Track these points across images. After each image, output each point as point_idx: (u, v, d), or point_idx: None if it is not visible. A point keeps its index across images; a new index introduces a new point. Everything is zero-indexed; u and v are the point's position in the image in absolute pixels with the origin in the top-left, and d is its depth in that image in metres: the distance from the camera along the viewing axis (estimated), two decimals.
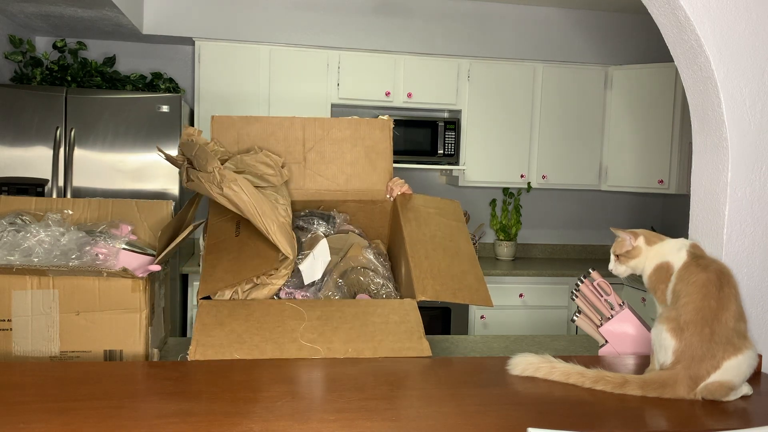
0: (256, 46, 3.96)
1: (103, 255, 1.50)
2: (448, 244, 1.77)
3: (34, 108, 3.35)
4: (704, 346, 1.31)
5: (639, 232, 1.54)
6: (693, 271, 1.40)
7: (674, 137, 4.09)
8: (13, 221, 1.58)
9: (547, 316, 4.03)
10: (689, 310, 1.34)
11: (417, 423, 1.16)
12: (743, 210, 1.60)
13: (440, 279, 1.62)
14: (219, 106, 3.93)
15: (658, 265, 1.48)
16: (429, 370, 1.46)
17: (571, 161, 4.32)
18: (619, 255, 1.54)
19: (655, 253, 1.51)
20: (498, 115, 4.22)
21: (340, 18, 4.09)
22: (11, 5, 3.39)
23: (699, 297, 1.35)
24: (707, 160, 1.67)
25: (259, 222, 1.55)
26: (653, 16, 1.67)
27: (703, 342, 1.31)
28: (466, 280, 1.66)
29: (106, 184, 3.43)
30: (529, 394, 1.32)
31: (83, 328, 1.48)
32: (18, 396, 1.20)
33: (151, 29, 3.90)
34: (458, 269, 1.69)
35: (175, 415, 1.14)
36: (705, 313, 1.33)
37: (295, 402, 1.21)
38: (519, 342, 2.00)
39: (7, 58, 3.66)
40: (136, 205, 1.73)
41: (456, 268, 1.69)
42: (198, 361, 1.44)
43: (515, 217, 4.45)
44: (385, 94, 4.09)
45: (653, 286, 1.49)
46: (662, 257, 1.48)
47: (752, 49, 1.58)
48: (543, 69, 4.25)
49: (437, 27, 4.18)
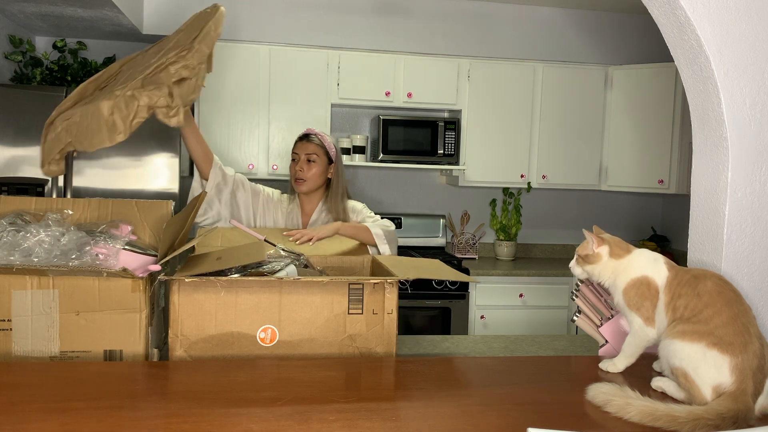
0: (256, 46, 3.96)
1: (103, 255, 1.50)
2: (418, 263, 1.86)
3: (34, 108, 3.35)
4: (758, 354, 1.24)
5: (607, 239, 1.50)
6: (692, 282, 1.35)
7: (674, 137, 4.09)
8: (13, 221, 1.57)
9: (547, 316, 4.02)
10: (724, 321, 1.26)
11: (417, 423, 1.16)
12: (743, 210, 1.60)
13: (418, 271, 1.69)
14: (219, 106, 3.94)
15: (635, 280, 1.43)
16: (429, 370, 1.46)
17: (571, 161, 4.32)
18: (580, 255, 1.52)
19: (627, 266, 1.45)
20: (498, 115, 4.22)
21: (340, 18, 4.09)
22: (11, 5, 3.39)
23: (724, 305, 1.29)
24: (707, 160, 1.67)
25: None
26: (653, 16, 1.67)
27: (756, 352, 1.24)
28: (442, 271, 1.76)
29: (106, 184, 3.43)
30: (529, 394, 1.32)
31: (83, 328, 1.48)
32: (18, 396, 1.20)
33: (151, 29, 3.90)
34: (433, 266, 1.80)
35: (175, 414, 1.14)
36: (742, 320, 1.26)
37: (295, 402, 1.21)
38: (519, 342, 2.00)
39: (7, 58, 3.66)
40: (136, 205, 1.73)
41: (431, 266, 1.80)
42: (198, 361, 1.45)
43: (515, 217, 4.45)
44: (385, 93, 4.09)
45: (635, 302, 1.43)
46: (638, 271, 1.43)
47: (752, 49, 1.58)
48: (543, 69, 4.25)
49: (437, 27, 4.18)
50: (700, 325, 1.28)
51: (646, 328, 1.42)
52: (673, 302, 1.37)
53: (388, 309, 1.55)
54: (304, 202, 2.48)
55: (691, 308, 1.32)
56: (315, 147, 2.41)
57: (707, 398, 1.24)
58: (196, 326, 1.48)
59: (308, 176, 2.39)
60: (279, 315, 1.51)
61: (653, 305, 1.41)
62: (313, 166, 2.40)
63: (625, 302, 1.45)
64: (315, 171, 2.40)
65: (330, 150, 2.45)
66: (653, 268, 1.43)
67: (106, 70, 1.94)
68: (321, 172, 2.42)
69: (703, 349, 1.26)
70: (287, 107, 4.01)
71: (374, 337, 1.55)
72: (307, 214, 2.46)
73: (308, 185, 2.41)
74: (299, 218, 2.45)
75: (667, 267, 1.42)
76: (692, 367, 1.26)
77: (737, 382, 1.22)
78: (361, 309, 1.54)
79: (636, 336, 1.45)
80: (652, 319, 1.41)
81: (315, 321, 1.52)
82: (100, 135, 1.64)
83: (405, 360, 1.55)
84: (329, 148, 2.45)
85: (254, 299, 1.50)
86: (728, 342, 1.24)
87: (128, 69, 1.87)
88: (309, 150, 2.41)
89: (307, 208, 2.47)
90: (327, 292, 1.53)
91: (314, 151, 2.41)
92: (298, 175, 2.40)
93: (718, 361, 1.24)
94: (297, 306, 1.52)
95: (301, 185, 2.40)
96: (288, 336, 1.51)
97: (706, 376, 1.25)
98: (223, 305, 1.49)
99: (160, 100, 1.67)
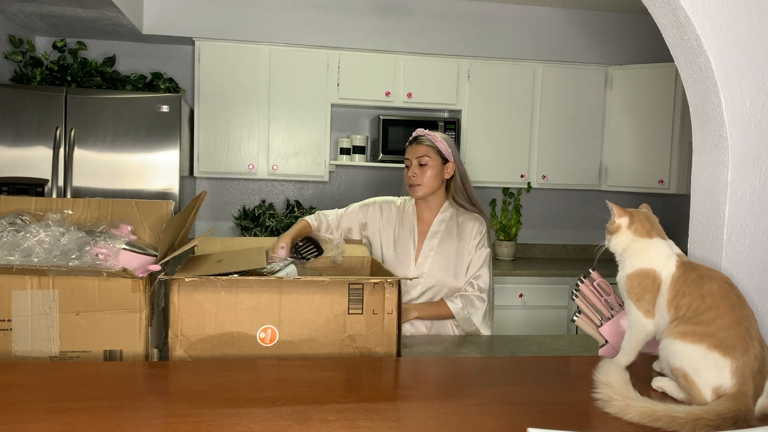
0: (256, 46, 3.96)
1: (103, 255, 1.50)
2: None
3: (34, 108, 3.35)
4: (759, 357, 1.24)
5: (633, 213, 1.49)
6: (697, 282, 1.34)
7: (674, 137, 4.09)
8: (13, 221, 1.57)
9: (547, 316, 4.02)
10: (726, 324, 1.26)
11: (417, 423, 1.16)
12: (743, 210, 1.60)
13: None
14: (219, 106, 3.94)
15: (642, 270, 1.42)
16: (429, 370, 1.46)
17: (571, 161, 4.32)
18: (608, 229, 1.51)
19: (639, 250, 1.44)
20: (498, 115, 4.22)
21: (340, 18, 4.09)
22: (11, 5, 3.39)
23: (727, 308, 1.28)
24: (707, 160, 1.67)
25: None
26: (653, 16, 1.67)
27: (757, 355, 1.24)
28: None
29: (106, 184, 3.43)
30: (529, 394, 1.32)
31: (83, 328, 1.48)
32: (18, 396, 1.20)
33: (151, 29, 3.90)
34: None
35: (175, 415, 1.14)
36: (744, 324, 1.26)
37: (295, 402, 1.21)
38: (519, 342, 2.00)
39: (7, 58, 3.66)
40: (136, 205, 1.73)
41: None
42: (198, 361, 1.45)
43: (515, 217, 4.45)
44: (385, 94, 4.09)
45: (636, 292, 1.42)
46: (648, 262, 1.42)
47: (752, 49, 1.58)
48: (543, 69, 4.25)
49: (437, 27, 4.18)
50: (701, 327, 1.28)
51: (645, 320, 1.42)
52: (676, 300, 1.36)
53: (388, 309, 1.55)
54: (422, 210, 2.30)
55: (693, 308, 1.32)
56: (426, 148, 2.23)
57: (707, 399, 1.24)
58: (196, 326, 1.48)
59: (423, 181, 2.21)
60: (279, 315, 1.51)
61: (654, 298, 1.41)
62: (426, 169, 2.22)
63: (626, 289, 1.45)
64: (429, 174, 2.22)
65: (443, 149, 2.25)
66: (663, 262, 1.41)
67: None
68: (436, 174, 2.23)
69: (705, 351, 1.25)
70: (287, 107, 4.00)
71: (374, 337, 1.55)
72: (426, 223, 2.28)
73: (424, 190, 2.22)
74: (414, 228, 2.27)
75: (676, 264, 1.41)
76: (693, 368, 1.26)
77: (738, 384, 1.21)
78: (361, 309, 1.54)
79: (633, 329, 1.44)
80: (651, 312, 1.41)
81: (315, 321, 1.52)
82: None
83: (405, 360, 1.55)
84: (442, 146, 2.25)
85: (254, 299, 1.50)
86: (730, 345, 1.24)
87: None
88: (420, 153, 2.23)
89: (425, 217, 2.29)
90: (327, 292, 1.53)
91: (425, 152, 2.23)
92: (412, 181, 2.23)
93: (719, 363, 1.23)
94: (297, 306, 1.52)
95: (416, 191, 2.23)
96: (288, 336, 1.51)
97: (706, 377, 1.24)
98: (223, 305, 1.49)
99: None
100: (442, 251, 2.21)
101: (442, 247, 2.22)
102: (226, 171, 3.98)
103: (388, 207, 2.34)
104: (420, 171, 2.23)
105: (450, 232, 2.24)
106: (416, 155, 2.24)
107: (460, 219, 2.26)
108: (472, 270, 2.21)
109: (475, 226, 2.25)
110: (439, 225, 2.26)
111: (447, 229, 2.25)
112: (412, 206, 2.32)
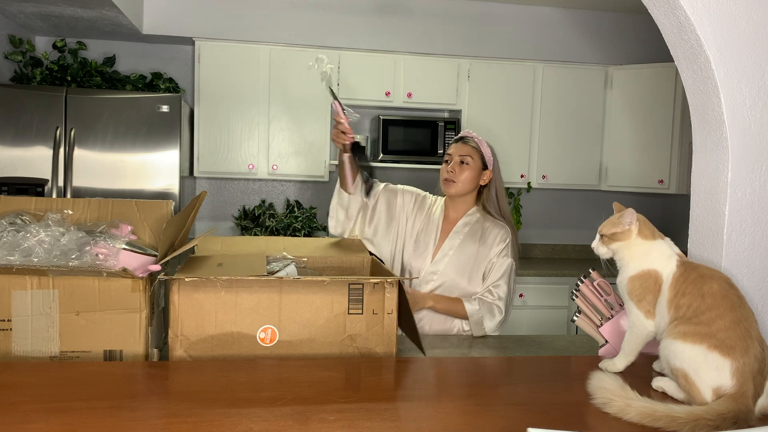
0: (256, 46, 3.96)
1: (103, 255, 1.50)
2: None
3: (34, 108, 3.35)
4: (759, 357, 1.24)
5: (638, 217, 1.48)
6: (697, 282, 1.34)
7: (674, 137, 4.09)
8: (13, 221, 1.57)
9: (547, 316, 4.02)
10: (726, 325, 1.25)
11: (417, 423, 1.16)
12: (743, 210, 1.59)
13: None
14: (219, 106, 3.94)
15: (644, 271, 1.42)
16: (429, 370, 1.46)
17: (571, 161, 4.32)
18: (605, 235, 1.48)
19: (643, 253, 1.44)
20: (498, 115, 4.22)
21: (340, 18, 4.09)
22: (11, 5, 3.39)
23: (727, 309, 1.28)
24: (707, 160, 1.67)
25: None
26: (653, 16, 1.67)
27: (757, 355, 1.24)
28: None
29: (106, 184, 3.43)
30: (529, 394, 1.32)
31: (83, 328, 1.48)
32: (18, 396, 1.20)
33: (150, 29, 3.90)
34: None
35: (175, 415, 1.14)
36: (744, 324, 1.26)
37: (295, 402, 1.21)
38: (519, 342, 2.00)
39: (7, 58, 3.66)
40: (136, 205, 1.73)
41: None
42: (198, 361, 1.45)
43: (515, 217, 4.45)
44: (385, 94, 4.09)
45: (638, 293, 1.42)
46: (650, 263, 1.42)
47: (752, 49, 1.58)
48: (543, 69, 4.25)
49: (437, 27, 4.18)
50: (701, 327, 1.28)
51: (645, 321, 1.42)
52: (676, 300, 1.36)
53: (388, 309, 1.55)
54: (449, 210, 2.30)
55: (694, 308, 1.32)
56: (470, 149, 2.23)
57: (707, 400, 1.24)
58: (196, 326, 1.48)
59: (460, 179, 2.21)
60: (279, 315, 1.51)
61: (655, 299, 1.41)
62: (466, 168, 2.21)
63: (628, 290, 1.45)
64: (467, 174, 2.22)
65: (486, 155, 2.26)
66: (664, 262, 1.41)
67: None
68: (473, 177, 2.23)
69: (705, 351, 1.25)
70: (287, 107, 4.01)
71: (374, 337, 1.55)
72: (451, 222, 2.27)
73: (457, 188, 2.22)
74: (439, 225, 2.28)
75: (677, 264, 1.41)
76: (693, 368, 1.26)
77: (738, 385, 1.21)
78: (361, 309, 1.54)
79: (634, 330, 1.44)
80: (652, 312, 1.41)
81: (315, 321, 1.52)
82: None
83: (405, 360, 1.55)
84: (486, 152, 2.26)
85: (254, 299, 1.50)
86: (730, 345, 1.24)
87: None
88: (464, 151, 2.23)
89: (452, 215, 2.29)
90: (327, 292, 1.53)
91: (469, 153, 2.23)
92: (449, 176, 2.23)
93: (719, 363, 1.23)
94: (297, 306, 1.52)
95: (449, 186, 2.23)
96: (288, 336, 1.51)
97: (706, 377, 1.24)
98: (223, 305, 1.49)
99: None
100: (461, 252, 2.20)
101: (462, 249, 2.21)
102: (226, 171, 3.98)
103: (422, 199, 2.36)
104: (459, 168, 2.22)
105: (473, 236, 2.23)
106: (459, 153, 2.24)
107: (486, 225, 2.25)
108: (493, 277, 2.18)
109: (499, 234, 2.22)
110: (464, 227, 2.25)
111: (471, 231, 2.24)
112: (440, 206, 2.33)
